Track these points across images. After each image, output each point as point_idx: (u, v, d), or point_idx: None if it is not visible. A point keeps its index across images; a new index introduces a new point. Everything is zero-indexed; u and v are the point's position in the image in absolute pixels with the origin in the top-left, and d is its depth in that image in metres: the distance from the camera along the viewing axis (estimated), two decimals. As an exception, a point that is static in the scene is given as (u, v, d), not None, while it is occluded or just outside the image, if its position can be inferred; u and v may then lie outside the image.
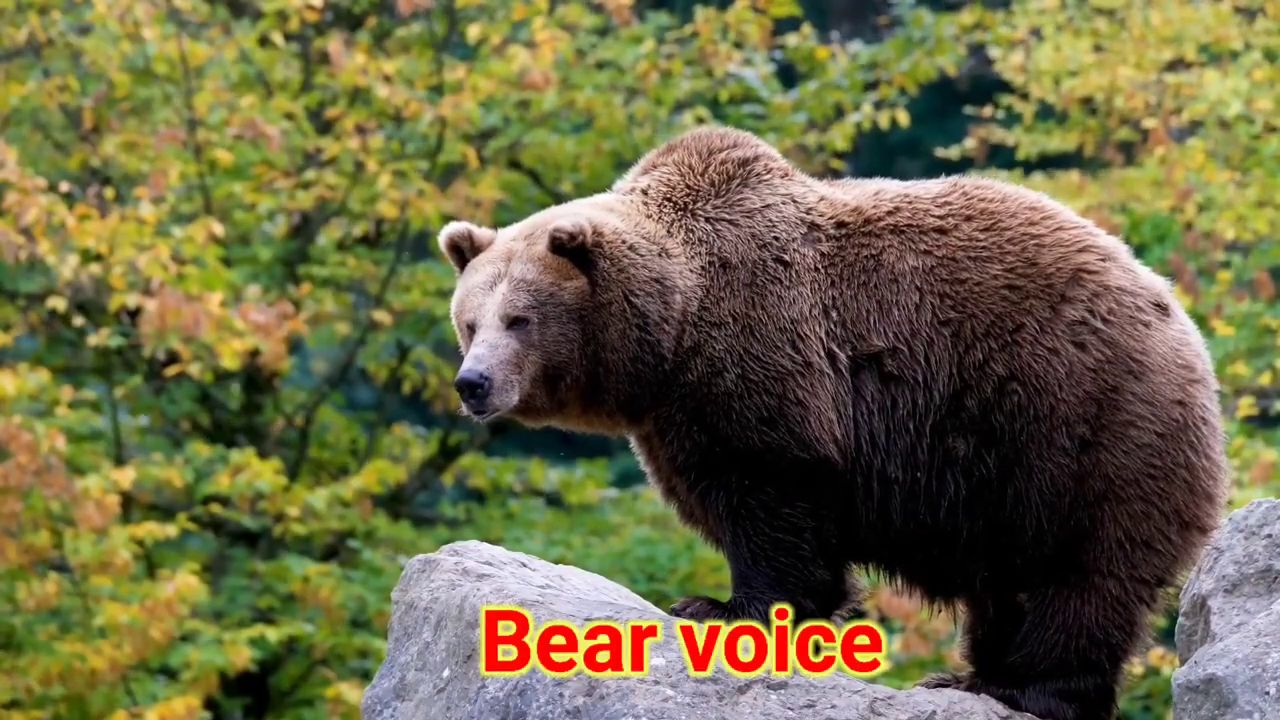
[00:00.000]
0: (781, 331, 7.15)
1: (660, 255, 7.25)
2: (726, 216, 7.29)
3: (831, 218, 7.29)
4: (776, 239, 7.24)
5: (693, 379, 7.20)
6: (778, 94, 22.70)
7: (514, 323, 7.18)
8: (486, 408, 7.14)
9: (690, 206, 7.31)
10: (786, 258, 7.22)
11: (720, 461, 7.19)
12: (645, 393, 7.24)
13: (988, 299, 7.15)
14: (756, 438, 7.15)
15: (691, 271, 7.24)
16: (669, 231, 7.29)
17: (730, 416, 7.16)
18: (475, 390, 7.10)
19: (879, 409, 7.15)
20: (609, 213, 7.32)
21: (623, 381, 7.21)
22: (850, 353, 7.16)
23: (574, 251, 7.19)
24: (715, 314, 7.21)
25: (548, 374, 7.19)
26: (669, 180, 7.38)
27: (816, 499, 7.14)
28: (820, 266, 7.22)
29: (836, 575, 7.31)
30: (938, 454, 7.13)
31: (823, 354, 7.15)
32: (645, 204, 7.36)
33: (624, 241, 7.22)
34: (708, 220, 7.29)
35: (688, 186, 7.35)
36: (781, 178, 7.38)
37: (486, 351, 7.14)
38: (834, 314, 7.18)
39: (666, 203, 7.33)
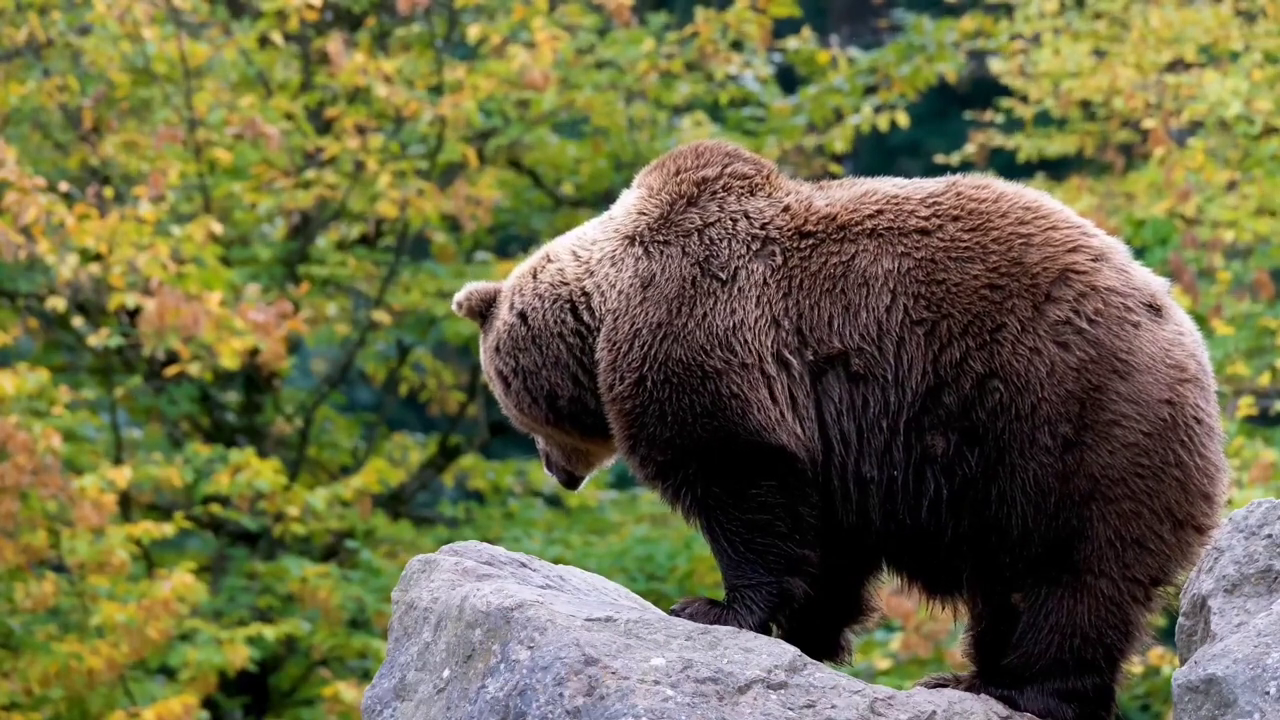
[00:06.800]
0: (711, 337, 7.22)
1: (553, 305, 7.51)
2: (661, 238, 7.38)
3: (793, 230, 7.29)
4: (714, 256, 7.30)
5: (616, 393, 7.32)
6: (778, 98, 22.73)
7: None
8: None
9: (633, 233, 7.45)
10: (724, 274, 7.26)
11: (674, 461, 7.25)
12: (582, 424, 7.54)
13: (966, 298, 7.13)
14: (700, 429, 7.20)
15: (602, 303, 7.41)
16: (590, 270, 7.48)
17: (665, 420, 7.24)
18: None
19: (848, 409, 7.15)
20: (542, 262, 7.63)
21: (554, 417, 7.58)
22: (810, 356, 7.18)
23: (470, 318, 7.79)
24: (626, 330, 7.31)
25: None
26: (629, 205, 7.54)
27: (781, 477, 7.15)
28: (771, 280, 7.24)
29: (851, 583, 7.35)
30: (915, 451, 7.12)
31: (770, 359, 7.17)
32: (595, 239, 7.53)
33: (511, 306, 7.62)
34: (642, 245, 7.41)
35: (639, 212, 7.48)
36: (742, 194, 7.41)
37: None
38: (785, 323, 7.19)
39: (615, 233, 7.50)
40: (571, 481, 7.87)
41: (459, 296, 7.71)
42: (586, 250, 7.52)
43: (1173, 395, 7.10)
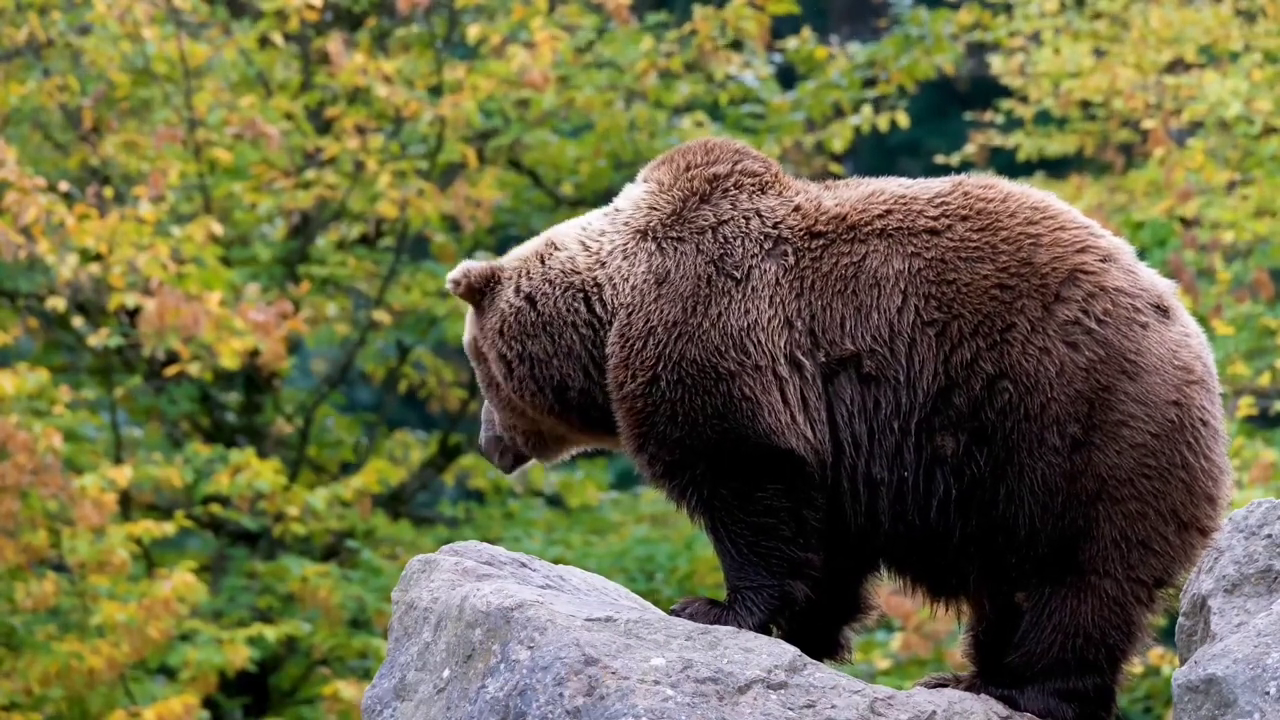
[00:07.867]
0: (726, 338, 7.19)
1: (565, 293, 7.43)
2: (675, 235, 7.34)
3: (804, 229, 7.27)
4: (729, 255, 7.27)
5: (627, 391, 7.28)
6: (776, 94, 22.72)
7: None
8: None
9: (645, 227, 7.40)
10: (738, 273, 7.24)
11: (682, 461, 7.23)
12: (587, 416, 7.46)
13: (976, 299, 7.13)
14: (710, 431, 7.19)
15: (615, 296, 7.36)
16: (602, 261, 7.42)
17: (675, 420, 7.21)
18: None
19: (859, 410, 7.14)
20: (548, 248, 7.53)
21: (560, 408, 7.47)
22: (823, 358, 7.16)
23: (466, 298, 7.58)
24: (640, 327, 7.27)
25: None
26: (638, 199, 7.48)
27: (788, 480, 7.15)
28: (783, 280, 7.21)
29: (851, 582, 7.35)
30: (925, 452, 7.12)
31: (783, 361, 7.15)
32: (603, 231, 7.48)
33: (517, 289, 7.50)
34: (655, 240, 7.36)
35: (650, 207, 7.43)
36: (753, 192, 7.39)
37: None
38: (799, 324, 7.18)
39: (625, 226, 7.44)
40: (516, 467, 7.80)
41: (455, 274, 7.57)
42: (595, 241, 7.47)
43: (1180, 397, 7.10)
